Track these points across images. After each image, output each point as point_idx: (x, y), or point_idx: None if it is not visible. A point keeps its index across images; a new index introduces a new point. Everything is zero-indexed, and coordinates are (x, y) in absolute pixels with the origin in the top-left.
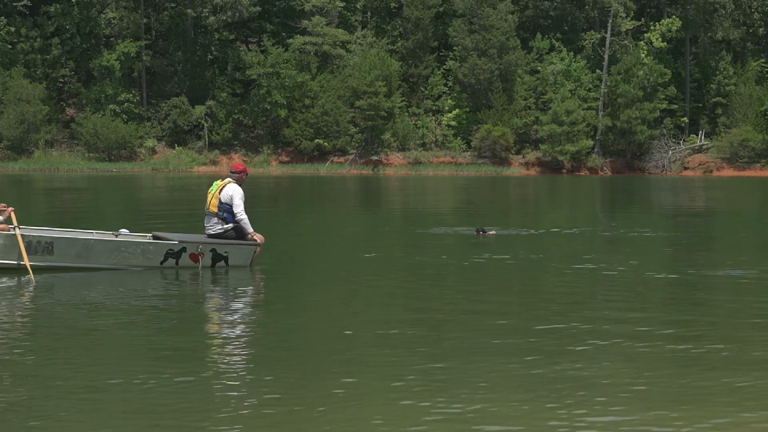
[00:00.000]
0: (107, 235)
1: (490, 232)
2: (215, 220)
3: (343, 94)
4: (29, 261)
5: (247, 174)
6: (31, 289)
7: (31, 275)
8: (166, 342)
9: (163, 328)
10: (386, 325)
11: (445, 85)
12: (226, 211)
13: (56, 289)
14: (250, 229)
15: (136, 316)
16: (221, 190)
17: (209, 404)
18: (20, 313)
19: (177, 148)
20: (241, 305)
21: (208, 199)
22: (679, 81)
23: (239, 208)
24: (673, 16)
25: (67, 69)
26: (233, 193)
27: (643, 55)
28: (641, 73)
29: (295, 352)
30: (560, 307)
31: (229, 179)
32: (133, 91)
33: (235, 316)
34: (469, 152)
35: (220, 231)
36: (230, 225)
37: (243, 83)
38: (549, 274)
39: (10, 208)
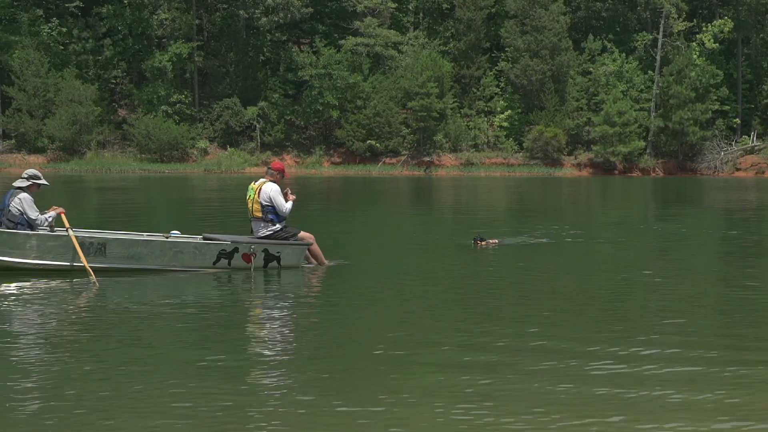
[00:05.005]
0: (158, 237)
1: (492, 242)
2: (262, 224)
3: (395, 95)
4: (90, 263)
5: (284, 176)
6: (93, 290)
7: (93, 276)
8: (216, 346)
9: (213, 331)
10: (435, 332)
11: (497, 86)
12: (269, 212)
13: (110, 290)
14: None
15: (188, 317)
16: (259, 192)
17: (254, 403)
18: (79, 313)
19: (229, 149)
20: (292, 306)
21: (249, 205)
22: (731, 82)
23: (284, 206)
24: (725, 17)
25: (119, 70)
26: (271, 192)
27: (695, 56)
28: (693, 74)
29: (342, 354)
30: (615, 326)
31: (263, 179)
32: (185, 92)
33: (285, 317)
34: (521, 153)
35: (269, 233)
36: (278, 226)
37: (295, 84)
38: (607, 284)
39: (60, 209)
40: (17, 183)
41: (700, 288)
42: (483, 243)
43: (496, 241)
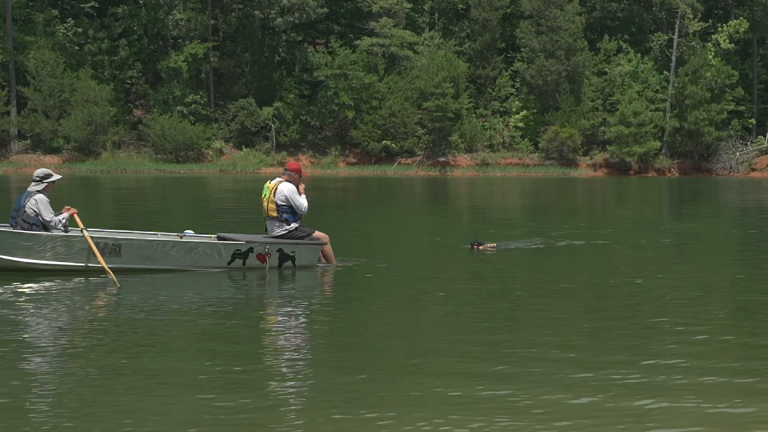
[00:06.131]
0: (172, 237)
1: (490, 246)
2: (277, 223)
3: (410, 96)
4: (105, 263)
5: (300, 175)
6: (110, 290)
7: (113, 277)
8: (233, 348)
9: (230, 332)
10: (453, 336)
11: (513, 86)
12: (284, 212)
13: (124, 290)
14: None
15: (204, 317)
16: (274, 192)
17: (271, 408)
18: (94, 315)
19: (244, 149)
20: (307, 309)
21: (264, 204)
22: (746, 82)
23: (302, 206)
24: (741, 18)
25: (134, 70)
26: (287, 192)
27: (710, 57)
28: (709, 74)
29: (360, 357)
30: (634, 335)
31: (279, 179)
32: (201, 93)
33: (301, 319)
34: (536, 153)
35: (284, 233)
36: (293, 225)
37: (310, 84)
38: (621, 288)
39: (73, 210)
40: (32, 187)
41: (716, 291)
42: (480, 247)
43: (495, 245)
